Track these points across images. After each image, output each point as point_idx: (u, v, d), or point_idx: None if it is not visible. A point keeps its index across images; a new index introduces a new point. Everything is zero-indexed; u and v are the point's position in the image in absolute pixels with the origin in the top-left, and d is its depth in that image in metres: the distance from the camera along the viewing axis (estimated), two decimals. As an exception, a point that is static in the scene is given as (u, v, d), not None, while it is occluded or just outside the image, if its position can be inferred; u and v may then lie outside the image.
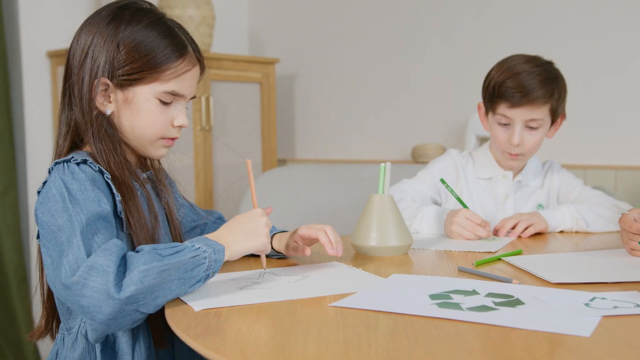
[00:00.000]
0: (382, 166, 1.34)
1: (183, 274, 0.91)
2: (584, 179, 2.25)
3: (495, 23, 2.48)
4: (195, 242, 0.96)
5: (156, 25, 1.07)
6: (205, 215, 1.33)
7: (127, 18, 1.05)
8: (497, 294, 0.95)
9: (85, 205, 0.94)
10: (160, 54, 1.05)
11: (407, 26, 2.74)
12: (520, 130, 1.54)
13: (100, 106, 1.06)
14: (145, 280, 0.86)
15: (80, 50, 1.06)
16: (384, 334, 0.78)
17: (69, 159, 1.01)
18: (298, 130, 3.17)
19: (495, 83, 1.54)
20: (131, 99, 1.06)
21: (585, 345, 0.73)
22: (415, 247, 1.37)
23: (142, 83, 1.05)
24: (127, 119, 1.07)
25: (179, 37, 1.08)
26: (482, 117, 1.66)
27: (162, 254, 0.91)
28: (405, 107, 2.77)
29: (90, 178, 0.99)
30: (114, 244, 0.90)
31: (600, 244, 1.42)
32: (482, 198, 1.65)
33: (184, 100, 1.11)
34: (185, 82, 1.10)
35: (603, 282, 1.02)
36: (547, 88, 1.52)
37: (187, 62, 1.09)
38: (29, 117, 2.66)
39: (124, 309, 0.86)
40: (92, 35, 1.05)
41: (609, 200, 1.60)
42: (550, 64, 1.58)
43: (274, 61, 2.95)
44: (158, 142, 1.11)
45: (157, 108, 1.07)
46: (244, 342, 0.77)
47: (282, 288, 1.01)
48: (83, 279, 0.85)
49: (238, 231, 1.02)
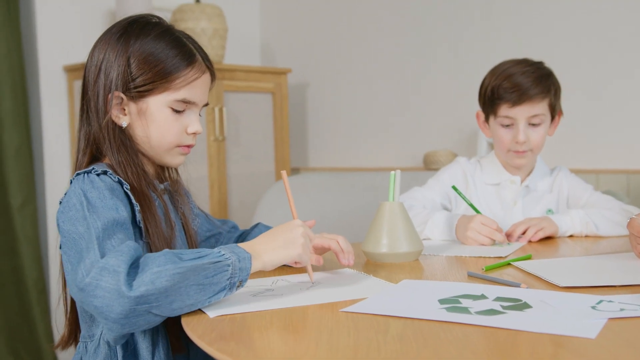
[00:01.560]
0: (392, 174, 1.37)
1: (203, 280, 0.91)
2: (596, 184, 2.25)
3: (504, 29, 2.50)
4: (223, 248, 0.96)
5: (164, 37, 1.10)
6: (220, 224, 1.35)
7: (136, 32, 1.10)
8: (505, 298, 0.97)
9: (102, 212, 0.97)
10: (169, 64, 1.08)
11: (416, 34, 2.76)
12: (524, 128, 1.59)
13: (116, 119, 1.10)
14: (157, 282, 0.87)
15: (94, 67, 1.10)
16: (393, 337, 0.80)
17: (90, 170, 1.04)
18: (310, 139, 3.20)
19: (492, 87, 1.60)
20: (145, 110, 1.10)
21: (589, 347, 0.74)
22: (425, 253, 1.39)
23: (154, 93, 1.09)
24: (143, 130, 1.11)
25: (186, 47, 1.12)
26: (481, 125, 1.70)
27: (182, 257, 0.92)
28: (416, 114, 2.79)
29: (109, 187, 1.02)
30: (127, 246, 0.92)
31: (610, 248, 1.43)
32: (491, 204, 1.67)
33: (196, 107, 1.14)
34: (196, 90, 1.12)
35: (611, 285, 1.03)
36: (543, 84, 1.58)
37: (197, 70, 1.12)
38: (46, 131, 2.72)
39: (136, 308, 0.87)
40: (104, 51, 1.10)
41: (618, 205, 1.61)
42: (541, 63, 1.64)
43: (286, 71, 2.98)
44: (174, 150, 1.14)
45: (170, 117, 1.11)
46: (258, 347, 0.79)
47: (295, 294, 1.03)
48: (96, 280, 0.88)
49: (273, 241, 1.02)
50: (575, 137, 2.33)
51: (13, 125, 2.58)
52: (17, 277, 2.64)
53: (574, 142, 2.34)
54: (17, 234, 2.61)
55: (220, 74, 2.71)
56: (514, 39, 2.47)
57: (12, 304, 2.63)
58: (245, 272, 0.96)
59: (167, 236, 1.09)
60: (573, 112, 2.28)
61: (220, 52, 2.82)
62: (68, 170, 2.77)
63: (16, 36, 2.60)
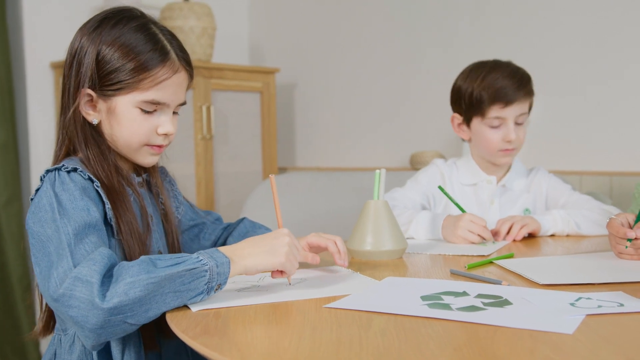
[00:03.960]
0: (377, 172, 1.38)
1: (179, 287, 0.90)
2: (579, 185, 2.28)
3: (492, 32, 2.52)
4: (201, 253, 0.95)
5: (138, 31, 1.06)
6: (204, 215, 1.33)
7: (111, 24, 1.05)
8: (486, 295, 0.98)
9: (73, 214, 0.95)
10: (138, 61, 1.04)
11: (405, 36, 2.78)
12: (514, 127, 1.63)
13: (87, 116, 1.08)
14: (131, 293, 0.86)
15: (68, 59, 1.08)
16: (375, 333, 0.81)
17: (60, 167, 1.02)
18: (298, 138, 3.21)
19: (478, 93, 1.62)
20: (113, 109, 1.07)
21: (566, 342, 0.76)
22: (409, 252, 1.41)
23: (122, 93, 1.05)
24: (112, 128, 1.08)
25: (159, 43, 1.06)
26: (456, 128, 1.73)
27: (157, 264, 0.90)
28: (403, 115, 2.81)
29: (80, 187, 1.00)
30: (100, 254, 0.91)
31: (591, 247, 1.46)
32: (468, 204, 1.69)
33: (167, 108, 1.10)
34: (167, 90, 1.07)
35: (589, 283, 1.05)
36: (526, 84, 1.64)
37: (167, 69, 1.07)
38: (32, 128, 2.70)
39: (110, 319, 0.86)
40: (78, 43, 1.07)
41: (597, 205, 1.64)
42: (511, 62, 1.68)
43: (274, 71, 2.99)
44: (143, 150, 1.11)
45: (138, 117, 1.07)
46: (241, 341, 0.80)
47: (279, 290, 1.04)
48: (69, 291, 0.87)
49: (257, 246, 1.00)
50: (559, 139, 2.36)
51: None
52: (2, 275, 2.62)
53: (558, 143, 2.36)
54: (2, 231, 2.59)
55: (208, 72, 2.71)
56: (501, 43, 2.49)
57: (-3, 302, 2.62)
58: (224, 277, 0.95)
59: (141, 232, 1.08)
60: (557, 113, 2.31)
61: (208, 51, 2.82)
62: (54, 167, 2.76)
63: (2, 32, 2.58)
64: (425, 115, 2.73)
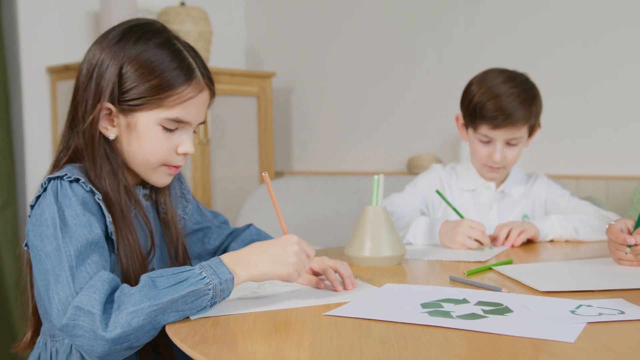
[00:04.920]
0: (375, 178, 1.38)
1: (182, 306, 0.89)
2: (576, 189, 2.28)
3: (488, 34, 2.52)
4: (205, 268, 0.92)
5: (163, 47, 1.03)
6: (211, 217, 1.30)
7: (133, 38, 1.02)
8: (486, 302, 0.98)
9: (75, 232, 0.94)
10: (164, 78, 1.01)
11: (401, 39, 2.78)
12: (501, 148, 1.61)
13: (104, 130, 1.04)
14: (134, 322, 0.86)
15: (85, 71, 1.04)
16: (375, 340, 0.81)
17: (62, 175, 0.99)
18: (295, 142, 3.20)
19: (477, 103, 1.59)
20: (134, 125, 1.03)
21: (568, 351, 0.76)
22: (407, 257, 1.40)
23: (145, 109, 1.02)
24: (130, 145, 1.05)
25: (185, 62, 1.04)
26: (460, 127, 1.72)
27: (158, 285, 0.88)
28: (400, 119, 2.81)
29: (82, 200, 0.97)
30: (100, 279, 0.90)
31: (590, 253, 1.45)
32: (467, 210, 1.69)
33: (189, 127, 1.07)
34: (191, 109, 1.05)
35: (590, 290, 1.05)
36: (527, 110, 1.58)
37: (193, 88, 1.04)
38: (28, 132, 2.69)
39: (115, 347, 0.86)
40: (99, 55, 1.03)
41: (596, 210, 1.64)
42: (527, 81, 1.64)
43: (271, 75, 2.99)
44: (160, 169, 1.08)
45: (160, 135, 1.04)
46: (240, 350, 0.80)
47: (279, 297, 1.03)
48: (72, 321, 0.87)
49: (263, 254, 0.97)
50: (556, 143, 2.36)
51: (-6, 126, 2.56)
52: (-3, 280, 2.61)
53: (554, 148, 2.36)
54: (-3, 236, 2.58)
55: (204, 77, 2.70)
56: (497, 46, 2.49)
57: (-8, 307, 2.61)
58: (227, 292, 0.93)
59: (142, 247, 1.05)
60: (553, 118, 2.31)
61: (205, 55, 2.82)
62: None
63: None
64: (423, 119, 2.73)
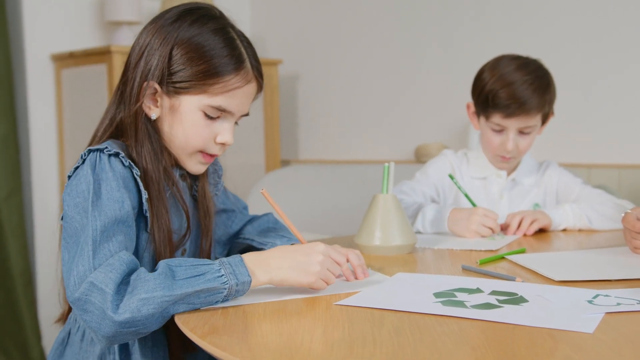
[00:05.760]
0: (385, 166, 1.35)
1: (194, 300, 0.88)
2: (588, 178, 2.26)
3: (496, 23, 2.49)
4: (225, 265, 0.91)
5: (217, 34, 1.02)
6: (234, 201, 1.30)
7: (188, 22, 1.01)
8: (501, 291, 0.96)
9: (106, 207, 0.93)
10: (213, 65, 1.00)
11: (409, 26, 2.75)
12: (514, 137, 1.57)
13: (147, 110, 1.03)
14: (143, 310, 0.85)
15: (137, 50, 1.03)
16: (388, 331, 0.79)
17: (103, 148, 0.98)
18: (301, 131, 3.18)
19: (489, 92, 1.55)
20: (177, 108, 1.02)
21: (587, 342, 0.74)
22: (418, 246, 1.38)
23: (190, 93, 1.01)
24: (171, 127, 1.04)
25: (237, 50, 1.03)
26: (471, 116, 1.68)
27: (176, 275, 0.88)
28: (408, 107, 2.78)
29: (118, 175, 0.97)
30: (119, 259, 0.89)
31: (604, 242, 1.43)
32: (478, 198, 1.66)
33: (232, 117, 1.05)
34: (236, 99, 1.03)
35: (606, 279, 1.03)
36: (541, 97, 1.54)
37: (241, 78, 1.03)
38: (33, 121, 2.68)
39: (121, 331, 0.85)
40: (152, 36, 1.02)
41: (610, 199, 1.61)
42: (541, 67, 1.60)
43: (277, 62, 2.96)
44: (195, 156, 1.06)
45: (200, 121, 1.03)
46: (251, 340, 0.78)
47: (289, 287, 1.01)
48: (85, 295, 0.86)
49: (286, 260, 0.95)
50: (568, 132, 2.33)
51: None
52: (3, 270, 2.60)
53: (567, 136, 2.34)
54: (3, 225, 2.57)
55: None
56: (506, 35, 2.46)
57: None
58: (242, 293, 0.92)
59: (177, 228, 1.05)
60: (565, 106, 2.28)
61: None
62: (55, 161, 2.73)
63: (2, 24, 2.55)
64: (431, 107, 2.71)
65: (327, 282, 0.97)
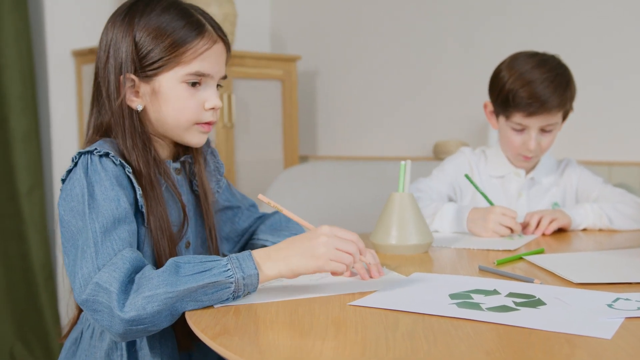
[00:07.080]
0: (402, 164, 1.34)
1: (201, 297, 0.89)
2: (609, 176, 2.22)
3: (517, 18, 2.45)
4: (232, 260, 0.91)
5: (169, 9, 1.05)
6: (240, 198, 1.30)
7: (140, 9, 1.05)
8: (518, 293, 0.94)
9: (102, 207, 0.94)
10: (177, 36, 1.03)
11: (427, 22, 2.72)
12: (536, 135, 1.55)
13: (130, 103, 1.05)
14: (148, 307, 0.86)
15: (103, 51, 1.06)
16: (402, 334, 0.78)
17: (92, 150, 1.00)
18: (320, 127, 3.17)
19: (509, 91, 1.52)
20: (158, 89, 1.04)
21: (606, 347, 0.72)
22: (435, 245, 1.37)
23: (165, 70, 1.04)
24: (159, 111, 1.05)
25: (194, 17, 1.06)
26: (489, 115, 1.66)
27: (181, 271, 0.88)
28: (426, 104, 2.76)
29: (112, 174, 0.99)
30: (122, 258, 0.90)
31: (625, 242, 1.40)
32: (496, 196, 1.63)
33: (212, 80, 1.08)
34: (210, 60, 1.06)
35: (627, 282, 1.01)
36: (562, 95, 1.52)
37: (207, 40, 1.06)
38: (54, 116, 2.70)
39: (131, 328, 0.87)
40: (112, 32, 1.06)
41: (632, 198, 1.58)
42: (560, 64, 1.57)
43: (296, 58, 2.95)
44: (192, 129, 1.08)
45: (185, 93, 1.05)
46: (262, 342, 0.77)
47: (302, 286, 1.01)
48: (92, 297, 0.87)
49: (291, 249, 0.95)
50: (588, 129, 2.29)
51: (21, 110, 2.57)
52: (25, 263, 2.64)
53: (587, 133, 2.30)
54: (24, 219, 2.60)
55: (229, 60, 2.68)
56: (526, 31, 2.42)
57: (20, 290, 2.63)
58: (253, 287, 0.92)
59: (173, 220, 1.06)
60: (586, 103, 2.24)
61: (230, 38, 2.77)
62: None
63: (24, 21, 2.57)
64: (449, 104, 2.68)
65: (340, 262, 0.95)
